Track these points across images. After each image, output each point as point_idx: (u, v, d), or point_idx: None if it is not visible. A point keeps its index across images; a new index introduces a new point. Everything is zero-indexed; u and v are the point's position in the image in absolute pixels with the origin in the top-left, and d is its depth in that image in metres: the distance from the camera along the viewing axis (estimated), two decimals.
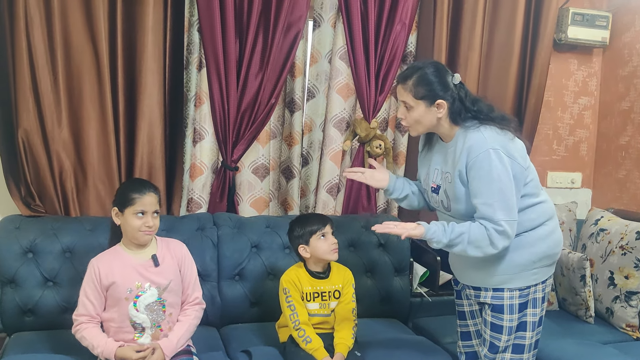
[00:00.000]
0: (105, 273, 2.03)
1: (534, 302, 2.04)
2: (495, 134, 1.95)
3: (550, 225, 2.05)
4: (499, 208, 1.89)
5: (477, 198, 1.92)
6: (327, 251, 2.25)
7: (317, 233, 2.25)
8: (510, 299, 2.02)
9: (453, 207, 2.02)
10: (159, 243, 2.15)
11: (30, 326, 2.35)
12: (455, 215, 2.03)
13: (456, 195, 1.99)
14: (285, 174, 2.91)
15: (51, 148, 2.47)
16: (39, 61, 2.41)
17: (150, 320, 2.06)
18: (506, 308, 2.02)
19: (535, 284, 2.03)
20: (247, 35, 2.63)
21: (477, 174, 1.90)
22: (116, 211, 2.06)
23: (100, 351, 1.98)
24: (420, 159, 2.21)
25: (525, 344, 2.05)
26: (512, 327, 2.03)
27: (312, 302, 2.28)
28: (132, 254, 2.08)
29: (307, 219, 2.33)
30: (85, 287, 2.04)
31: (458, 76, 2.01)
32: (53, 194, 2.50)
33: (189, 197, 2.74)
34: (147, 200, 2.03)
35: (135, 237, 2.04)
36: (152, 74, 2.54)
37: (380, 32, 2.82)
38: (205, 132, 2.70)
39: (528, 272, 2.01)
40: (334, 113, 2.87)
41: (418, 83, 1.96)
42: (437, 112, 1.97)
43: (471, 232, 1.92)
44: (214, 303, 2.52)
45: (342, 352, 2.18)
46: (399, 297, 2.78)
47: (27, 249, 2.36)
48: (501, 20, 3.04)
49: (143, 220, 2.02)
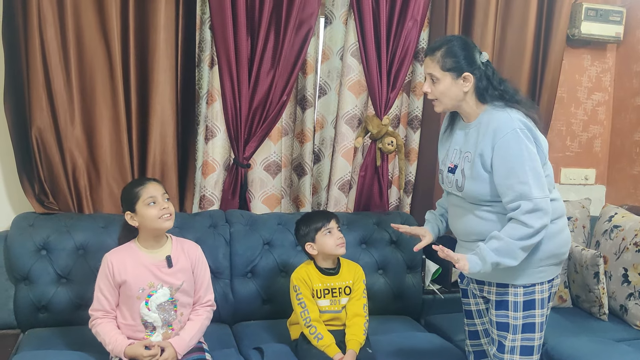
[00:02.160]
0: (118, 269, 2.03)
1: (541, 302, 2.00)
2: (522, 116, 1.93)
3: (559, 224, 2.01)
4: (534, 186, 1.85)
5: (511, 178, 1.87)
6: (334, 246, 2.25)
7: (323, 229, 2.25)
8: (514, 296, 1.98)
9: (467, 186, 1.98)
10: (174, 243, 2.14)
11: (44, 323, 2.37)
12: (466, 196, 2.00)
13: (473, 174, 1.96)
14: (297, 171, 2.91)
15: (64, 146, 2.48)
16: (52, 59, 2.42)
17: (162, 319, 2.06)
18: (510, 305, 1.99)
19: (541, 282, 1.99)
20: (258, 33, 2.63)
21: (507, 154, 1.88)
22: (130, 214, 2.05)
23: (110, 348, 2.00)
24: (442, 140, 2.18)
25: (534, 345, 2.01)
26: (518, 325, 1.99)
27: (322, 299, 2.28)
28: (147, 252, 2.08)
29: (311, 216, 2.33)
30: (99, 282, 2.05)
31: (486, 54, 2.01)
32: (66, 191, 2.52)
33: (201, 194, 2.74)
34: (151, 188, 2.03)
35: (157, 227, 2.02)
36: (164, 72, 2.55)
37: (392, 28, 2.81)
38: (217, 130, 2.70)
39: (533, 269, 1.97)
40: (346, 110, 2.87)
41: (446, 54, 1.96)
42: (463, 86, 1.96)
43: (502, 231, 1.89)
44: (226, 300, 2.53)
45: (353, 348, 2.18)
46: (411, 294, 2.77)
47: (40, 246, 2.38)
48: (514, 16, 3.02)
49: (157, 207, 2.01)
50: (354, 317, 2.27)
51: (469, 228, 2.06)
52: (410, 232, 2.23)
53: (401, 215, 2.89)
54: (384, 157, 2.90)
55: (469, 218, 2.04)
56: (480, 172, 1.95)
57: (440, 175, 2.15)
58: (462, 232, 2.11)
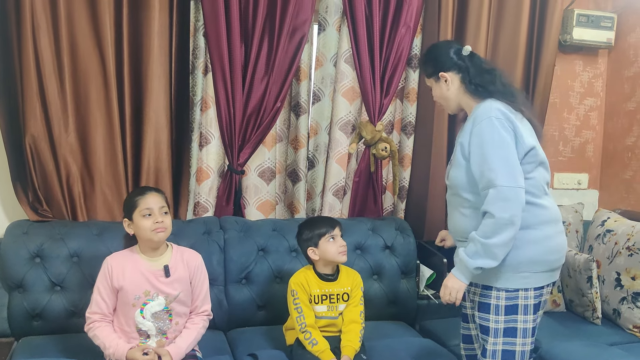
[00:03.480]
0: (117, 274, 2.04)
1: (525, 309, 1.96)
2: (501, 106, 1.94)
3: (545, 231, 1.96)
4: (502, 173, 1.84)
5: (482, 165, 1.89)
6: (336, 253, 2.26)
7: (327, 235, 2.25)
8: (496, 299, 1.96)
9: (451, 174, 2.02)
10: (174, 252, 2.13)
11: (38, 331, 2.36)
12: (452, 184, 2.03)
13: (454, 162, 2.01)
14: (291, 177, 2.92)
15: (58, 153, 2.48)
16: (45, 67, 2.42)
17: (156, 328, 2.06)
18: (492, 308, 1.97)
19: (525, 289, 1.95)
20: (252, 40, 2.64)
21: (480, 140, 1.90)
22: (127, 222, 2.06)
23: (112, 352, 1.99)
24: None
25: (516, 350, 1.97)
26: (499, 329, 1.96)
27: (320, 305, 2.28)
28: (146, 260, 2.08)
29: (316, 221, 2.33)
30: (99, 285, 2.05)
31: (468, 48, 2.03)
32: (60, 199, 2.51)
33: (195, 201, 2.75)
34: (150, 199, 2.03)
35: (149, 238, 2.03)
36: (158, 79, 2.55)
37: (385, 35, 2.83)
38: (211, 136, 2.71)
39: (515, 274, 1.94)
40: (340, 116, 2.88)
41: (424, 64, 2.12)
42: (445, 86, 2.04)
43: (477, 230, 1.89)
44: (221, 307, 2.53)
45: (348, 354, 2.18)
46: (406, 299, 2.78)
47: (34, 253, 2.38)
48: (506, 22, 3.04)
49: (152, 219, 2.01)
50: (350, 324, 2.28)
51: (455, 226, 2.08)
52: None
53: (395, 221, 2.90)
54: (378, 162, 2.91)
55: (453, 215, 2.08)
56: (459, 160, 1.98)
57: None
58: (452, 230, 2.14)
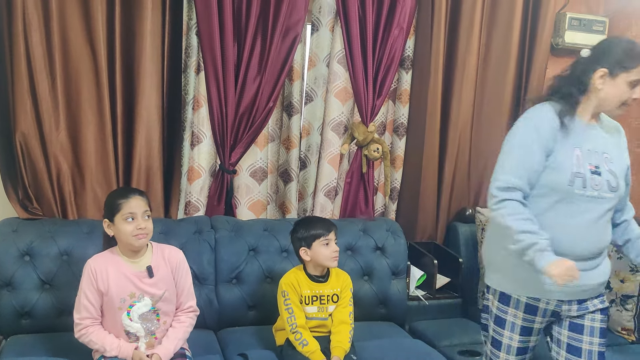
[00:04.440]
0: (101, 278, 2.01)
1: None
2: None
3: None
4: None
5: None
6: (328, 258, 2.26)
7: (321, 239, 2.25)
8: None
9: (620, 184, 1.95)
10: (155, 250, 2.11)
11: (27, 329, 2.35)
12: (616, 195, 1.93)
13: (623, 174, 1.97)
14: (283, 177, 2.92)
15: (49, 151, 2.47)
16: (37, 64, 2.41)
17: (145, 329, 2.05)
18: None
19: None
20: (245, 39, 2.64)
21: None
22: (107, 223, 2.03)
23: (115, 353, 1.98)
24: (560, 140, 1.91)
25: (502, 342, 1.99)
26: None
27: (310, 306, 2.29)
28: (127, 262, 2.06)
29: (313, 222, 2.32)
30: (84, 289, 2.02)
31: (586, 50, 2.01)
32: (50, 196, 2.50)
33: (186, 200, 2.74)
34: (133, 203, 2.00)
35: (130, 242, 2.01)
36: (150, 77, 2.54)
37: (378, 36, 2.83)
38: (203, 136, 2.70)
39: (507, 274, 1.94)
40: (332, 117, 2.88)
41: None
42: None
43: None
44: (211, 306, 2.53)
45: (338, 355, 2.19)
46: (396, 300, 2.78)
47: (24, 251, 2.36)
48: (499, 25, 3.05)
49: (134, 224, 1.98)
50: (339, 325, 2.28)
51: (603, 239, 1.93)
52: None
53: (386, 222, 2.90)
54: (370, 163, 2.92)
55: (607, 228, 1.91)
56: (625, 171, 1.99)
57: (581, 179, 1.88)
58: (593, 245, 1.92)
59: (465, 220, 3.09)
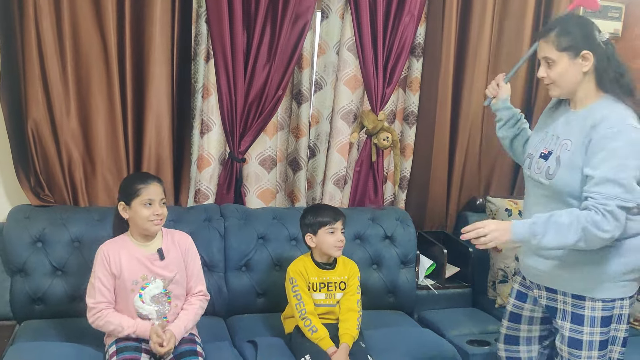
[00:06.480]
0: (114, 261, 2.05)
1: (619, 318, 1.88)
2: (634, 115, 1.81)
3: None
4: (618, 185, 1.71)
5: (597, 169, 1.74)
6: (332, 246, 2.26)
7: (327, 226, 2.25)
8: (592, 310, 1.85)
9: (559, 174, 1.84)
10: (165, 235, 2.16)
11: (39, 314, 2.38)
12: (554, 185, 1.86)
13: (570, 163, 1.83)
14: (292, 165, 2.92)
15: (60, 138, 2.49)
16: (47, 51, 2.42)
17: (157, 311, 2.08)
18: (587, 320, 1.86)
19: (621, 298, 1.86)
20: (254, 27, 2.63)
21: (609, 146, 1.74)
22: (123, 205, 2.07)
23: (133, 330, 2.02)
24: (540, 124, 2.05)
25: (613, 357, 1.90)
26: (594, 342, 1.86)
27: (318, 292, 2.30)
28: (139, 245, 2.10)
29: (321, 210, 2.33)
30: (98, 274, 2.05)
31: (606, 33, 1.89)
32: (62, 184, 2.52)
33: (196, 188, 2.75)
34: (152, 189, 2.05)
35: (146, 227, 2.06)
36: (160, 65, 2.55)
37: (388, 23, 2.80)
38: (212, 124, 2.70)
39: (615, 283, 1.84)
40: (342, 105, 2.86)
41: (561, 33, 1.83)
42: (582, 65, 1.82)
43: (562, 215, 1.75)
44: (220, 293, 2.55)
45: (347, 342, 2.20)
46: (405, 289, 2.78)
47: (36, 238, 2.39)
48: (511, 12, 3.02)
49: (152, 210, 2.03)
50: (347, 312, 2.29)
51: None
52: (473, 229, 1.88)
53: (396, 211, 2.90)
54: (379, 152, 2.90)
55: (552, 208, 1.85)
56: (578, 162, 1.81)
57: (529, 160, 1.99)
58: None
59: (476, 210, 3.08)
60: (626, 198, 1.73)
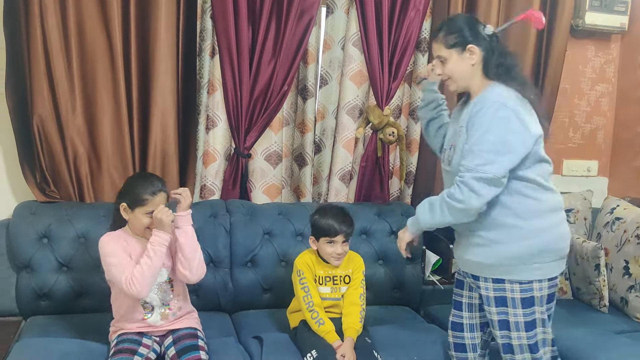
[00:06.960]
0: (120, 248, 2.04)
1: (541, 300, 1.95)
2: (514, 97, 1.91)
3: (554, 219, 1.97)
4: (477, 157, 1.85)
5: (466, 144, 1.90)
6: (329, 256, 2.27)
7: (327, 237, 2.25)
8: (511, 292, 1.94)
9: (454, 158, 1.98)
10: None
11: (45, 310, 2.39)
12: (452, 169, 1.99)
13: (461, 146, 1.95)
14: (297, 161, 2.91)
15: (66, 134, 2.49)
16: (53, 48, 2.42)
17: (160, 299, 2.09)
18: (509, 301, 1.95)
19: (539, 280, 1.94)
20: (259, 22, 2.62)
21: (477, 121, 1.88)
22: (125, 207, 2.05)
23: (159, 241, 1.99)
24: (451, 121, 2.17)
25: (537, 340, 1.97)
26: (519, 322, 1.95)
27: (323, 286, 2.30)
28: (140, 239, 2.09)
29: (327, 217, 2.26)
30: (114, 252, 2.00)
31: (490, 27, 2.02)
32: (67, 180, 2.53)
33: (202, 184, 2.75)
34: (158, 200, 2.03)
35: (143, 232, 2.06)
36: (165, 61, 2.54)
37: (394, 18, 2.79)
38: (218, 119, 2.70)
39: (528, 265, 1.92)
40: (347, 100, 2.86)
41: (448, 32, 1.99)
42: (470, 59, 1.97)
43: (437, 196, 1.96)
44: (226, 289, 2.55)
45: (351, 336, 2.19)
46: (411, 285, 2.78)
47: (42, 234, 2.39)
48: (517, 6, 2.99)
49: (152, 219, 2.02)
50: (350, 306, 2.28)
51: None
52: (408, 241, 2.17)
53: (402, 206, 2.89)
54: (385, 147, 2.89)
55: None
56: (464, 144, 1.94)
57: (443, 154, 2.14)
58: None
59: None
60: (484, 170, 1.84)
